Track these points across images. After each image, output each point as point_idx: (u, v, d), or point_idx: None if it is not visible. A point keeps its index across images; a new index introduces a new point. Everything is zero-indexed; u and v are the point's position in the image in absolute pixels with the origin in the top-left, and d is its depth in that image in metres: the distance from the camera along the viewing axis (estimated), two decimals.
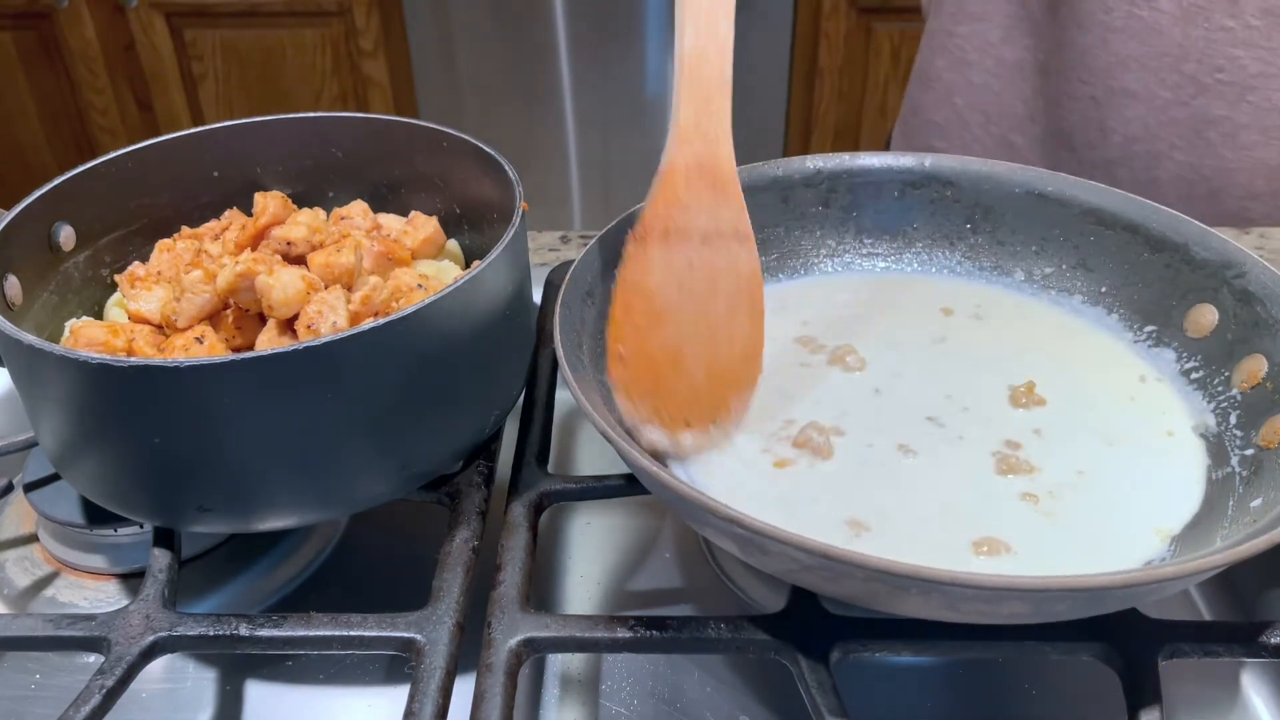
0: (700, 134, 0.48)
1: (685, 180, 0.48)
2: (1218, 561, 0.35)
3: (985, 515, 0.45)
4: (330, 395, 0.41)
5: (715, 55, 0.47)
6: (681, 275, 0.48)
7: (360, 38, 2.09)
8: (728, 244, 0.48)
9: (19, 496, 0.54)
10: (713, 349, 0.48)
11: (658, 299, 0.47)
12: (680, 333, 0.48)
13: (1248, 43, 0.74)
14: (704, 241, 0.48)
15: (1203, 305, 0.51)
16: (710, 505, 0.37)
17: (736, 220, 0.49)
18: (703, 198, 0.48)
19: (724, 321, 0.49)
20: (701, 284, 0.48)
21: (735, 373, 0.49)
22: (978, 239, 0.60)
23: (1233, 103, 0.77)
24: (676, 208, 0.48)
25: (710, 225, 0.48)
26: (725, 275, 0.48)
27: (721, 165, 0.48)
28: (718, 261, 0.48)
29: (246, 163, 0.57)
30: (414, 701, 0.39)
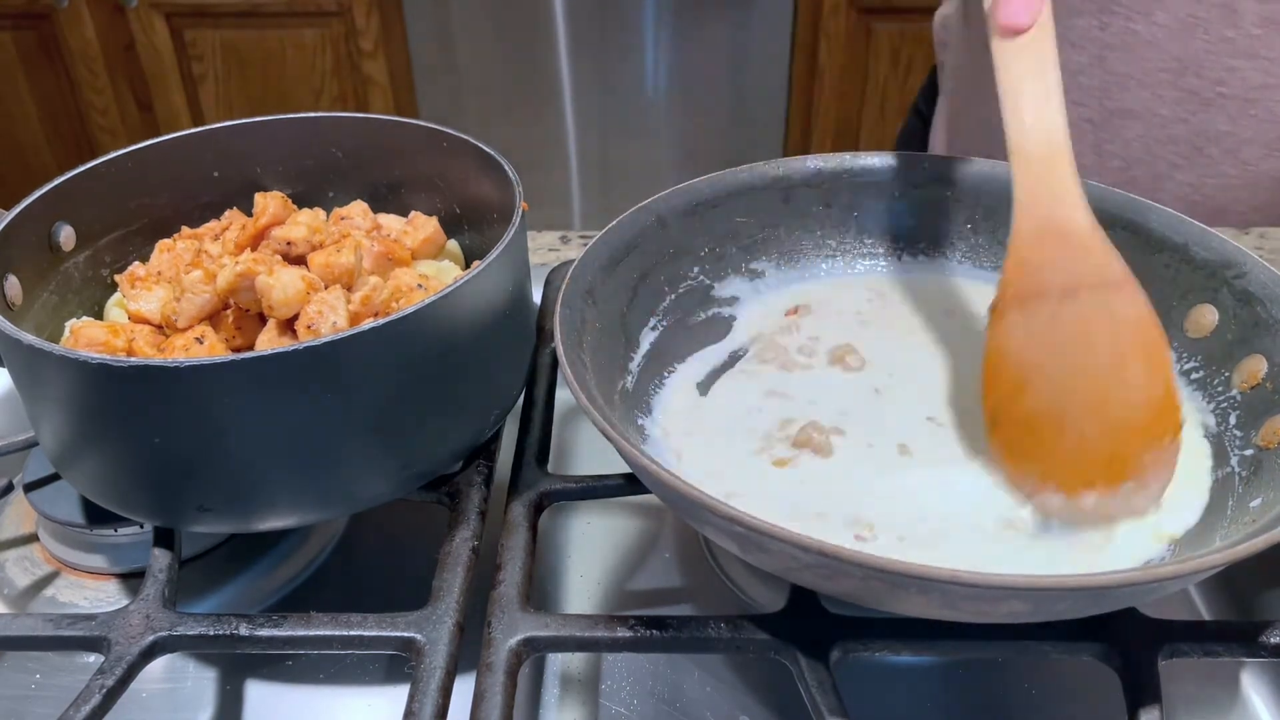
0: (1039, 200, 0.48)
1: (1029, 244, 0.48)
2: (1216, 561, 0.35)
3: (984, 514, 0.45)
4: (330, 395, 0.41)
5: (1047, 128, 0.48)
6: (1043, 334, 0.47)
7: (360, 38, 2.09)
8: (1095, 294, 0.46)
9: (19, 496, 0.54)
10: (1101, 403, 0.46)
11: (1021, 361, 0.47)
12: (1055, 392, 0.46)
13: (1249, 53, 0.73)
14: (1064, 297, 0.47)
15: (1203, 305, 0.51)
16: (710, 503, 0.37)
17: (1102, 269, 0.46)
18: (1053, 255, 0.47)
19: (1109, 372, 0.46)
20: (1070, 339, 0.46)
21: (1140, 424, 0.45)
22: (979, 239, 0.60)
23: (1234, 116, 0.75)
24: (1024, 271, 0.48)
25: (1069, 280, 0.47)
26: (1100, 325, 0.46)
27: (1067, 220, 0.47)
28: (1087, 313, 0.46)
29: (246, 163, 0.57)
30: (414, 701, 0.39)
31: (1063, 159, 0.47)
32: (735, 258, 0.59)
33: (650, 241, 0.55)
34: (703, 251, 0.58)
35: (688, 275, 0.58)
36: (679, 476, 0.38)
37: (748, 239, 0.59)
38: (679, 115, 2.20)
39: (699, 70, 2.15)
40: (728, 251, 0.59)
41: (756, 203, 0.59)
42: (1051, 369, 0.46)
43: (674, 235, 0.56)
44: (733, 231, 0.59)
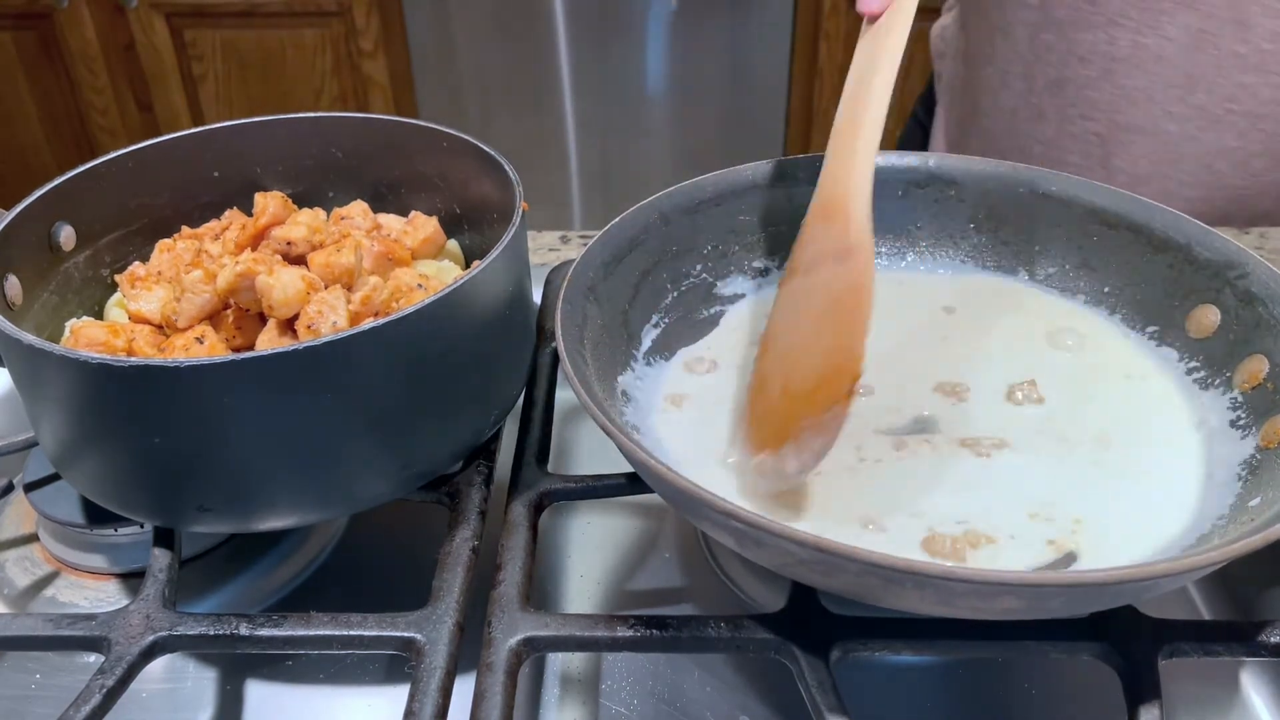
0: (830, 180, 0.49)
1: (809, 221, 0.50)
2: (1213, 559, 0.35)
3: (983, 512, 0.45)
4: (330, 395, 0.41)
5: (858, 127, 0.49)
6: (783, 305, 0.49)
7: (360, 38, 2.09)
8: (829, 264, 0.47)
9: (19, 496, 0.54)
10: (789, 369, 0.47)
11: (771, 329, 0.50)
12: (769, 359, 0.49)
13: (1260, 68, 0.72)
14: (809, 269, 0.48)
15: (1205, 305, 0.51)
16: (708, 499, 0.37)
17: (840, 238, 0.47)
18: (818, 230, 0.49)
19: (806, 341, 0.47)
20: (791, 309, 0.48)
21: (808, 390, 0.46)
22: (981, 238, 0.60)
23: (1243, 132, 0.75)
24: (798, 246, 0.50)
25: (818, 253, 0.48)
26: (816, 295, 0.47)
27: (833, 194, 0.48)
28: (814, 283, 0.48)
29: (246, 163, 0.57)
30: (414, 701, 0.39)
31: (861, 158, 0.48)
32: (738, 256, 0.59)
33: (653, 239, 0.55)
34: (705, 249, 0.58)
35: (690, 273, 0.58)
36: (678, 472, 0.38)
37: (750, 237, 0.59)
38: (679, 115, 2.20)
39: (699, 70, 2.15)
40: (730, 249, 0.59)
41: (760, 201, 0.59)
42: (773, 338, 0.49)
43: (677, 233, 0.56)
44: (735, 229, 0.59)
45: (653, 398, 0.52)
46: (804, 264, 0.49)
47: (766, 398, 0.48)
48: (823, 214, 0.49)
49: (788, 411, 0.46)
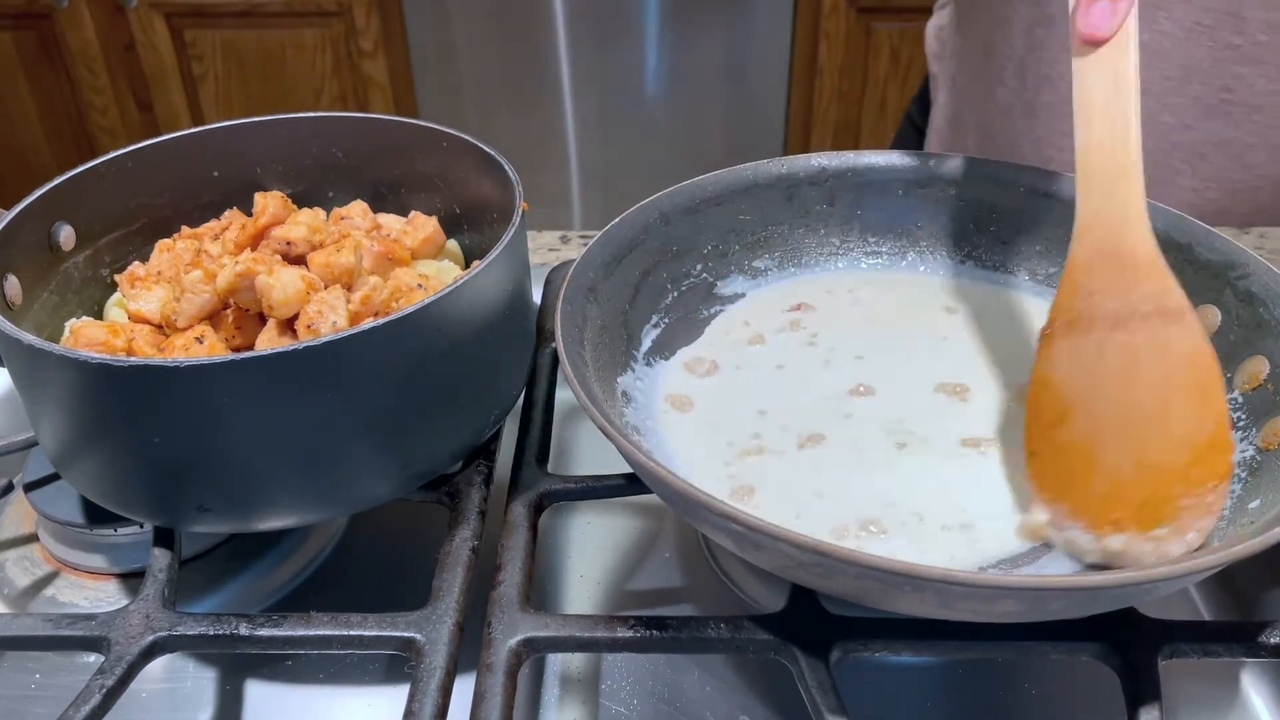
0: (1101, 222, 0.46)
1: (1086, 268, 0.46)
2: (1213, 562, 0.35)
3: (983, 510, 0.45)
4: (330, 395, 0.41)
5: (1116, 147, 0.46)
6: (1089, 363, 0.45)
7: (360, 38, 2.09)
8: (1149, 324, 0.44)
9: (19, 496, 0.54)
10: (1140, 440, 0.43)
11: (1064, 391, 0.46)
12: (1096, 424, 0.44)
13: (1256, 60, 0.72)
14: (1116, 325, 0.45)
15: (1205, 306, 0.51)
16: (707, 501, 0.37)
17: (1160, 299, 0.44)
18: (1110, 282, 0.45)
19: (1154, 408, 0.43)
20: (1116, 370, 0.44)
21: (1180, 467, 0.42)
22: (981, 238, 0.60)
23: (1239, 123, 0.74)
24: (1076, 295, 0.46)
25: (1122, 307, 0.45)
26: (1149, 357, 0.44)
27: (1128, 247, 0.45)
28: (1136, 343, 0.44)
29: (246, 163, 0.57)
30: (414, 701, 0.39)
31: (1132, 182, 0.45)
32: (738, 255, 0.59)
33: (653, 239, 0.55)
34: (706, 249, 0.58)
35: (690, 273, 0.58)
36: (677, 474, 0.38)
37: (751, 237, 0.59)
38: (679, 115, 2.20)
39: (699, 70, 2.15)
40: (730, 249, 0.59)
41: (760, 200, 0.59)
42: (1094, 401, 0.44)
43: (677, 232, 0.56)
44: (736, 229, 0.59)
45: (653, 398, 0.52)
46: (1102, 317, 0.45)
47: (1105, 470, 0.43)
48: (1115, 262, 0.45)
49: (1153, 488, 0.42)
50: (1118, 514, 0.42)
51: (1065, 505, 0.44)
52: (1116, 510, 0.42)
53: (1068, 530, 0.43)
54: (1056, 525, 0.44)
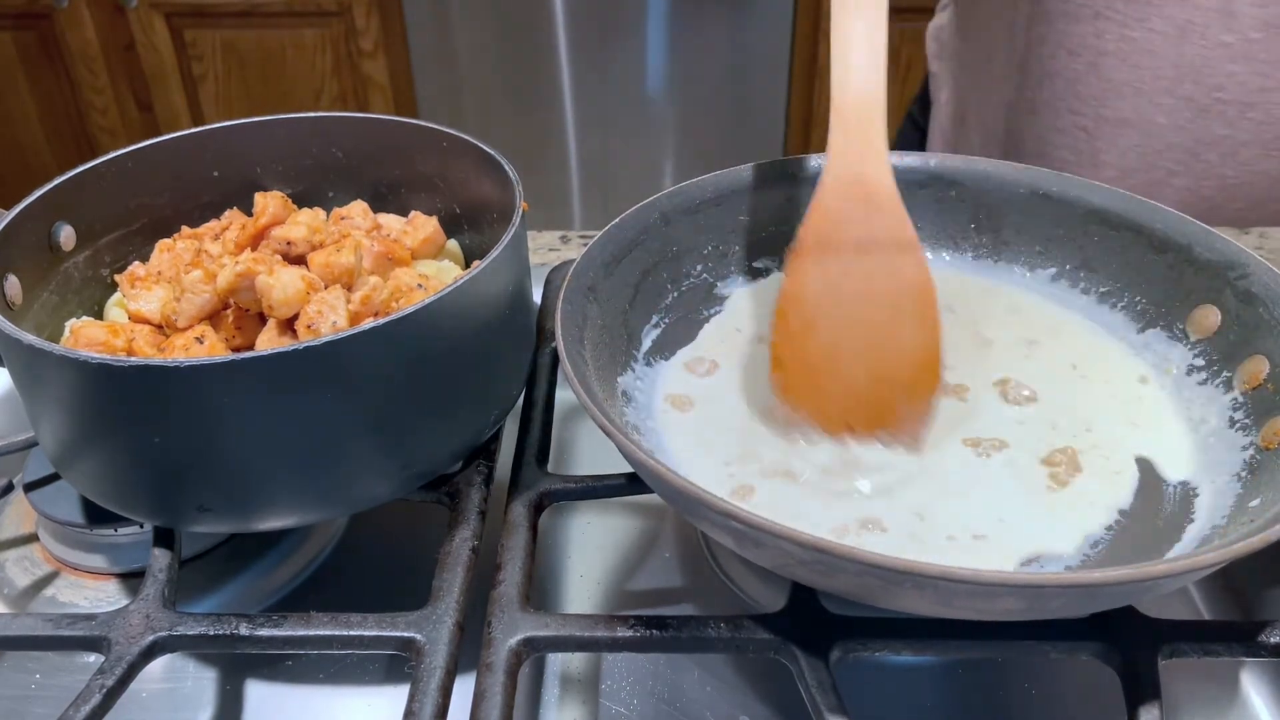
0: (849, 154, 0.50)
1: (835, 196, 0.50)
2: (1213, 559, 0.35)
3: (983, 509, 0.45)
4: (330, 395, 0.41)
5: (860, 84, 0.49)
6: (836, 284, 0.49)
7: (360, 38, 2.09)
8: (886, 253, 0.49)
9: (19, 496, 0.54)
10: (874, 354, 0.49)
11: (811, 307, 0.50)
12: (837, 339, 0.49)
13: (1247, 57, 0.72)
14: (859, 251, 0.49)
15: (1205, 306, 0.51)
16: (707, 499, 0.37)
17: (896, 230, 0.49)
18: (855, 211, 0.50)
19: (886, 328, 0.49)
20: (858, 292, 0.49)
21: (903, 378, 0.49)
22: (982, 238, 0.60)
23: (1232, 121, 0.75)
24: (827, 222, 0.50)
25: (865, 236, 0.49)
26: (885, 283, 0.49)
27: (873, 179, 0.49)
28: (875, 269, 0.49)
29: (246, 163, 0.57)
30: (414, 701, 0.39)
31: (877, 118, 0.49)
32: (738, 256, 0.59)
33: (653, 239, 0.55)
34: (706, 249, 0.58)
35: (691, 273, 0.58)
36: (677, 472, 0.38)
37: (751, 237, 0.59)
38: (679, 115, 2.20)
39: (699, 70, 2.15)
40: (731, 249, 0.59)
41: (760, 201, 0.59)
42: (836, 318, 0.50)
43: (677, 233, 0.56)
44: (736, 229, 0.59)
45: (653, 398, 0.52)
46: (847, 243, 0.50)
47: (842, 380, 0.49)
48: (862, 196, 0.50)
49: (880, 398, 0.48)
50: (850, 419, 0.48)
51: (805, 410, 0.49)
52: (849, 416, 0.48)
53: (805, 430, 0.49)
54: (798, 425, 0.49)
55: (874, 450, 0.49)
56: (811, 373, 0.50)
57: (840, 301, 0.50)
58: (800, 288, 0.51)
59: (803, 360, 0.50)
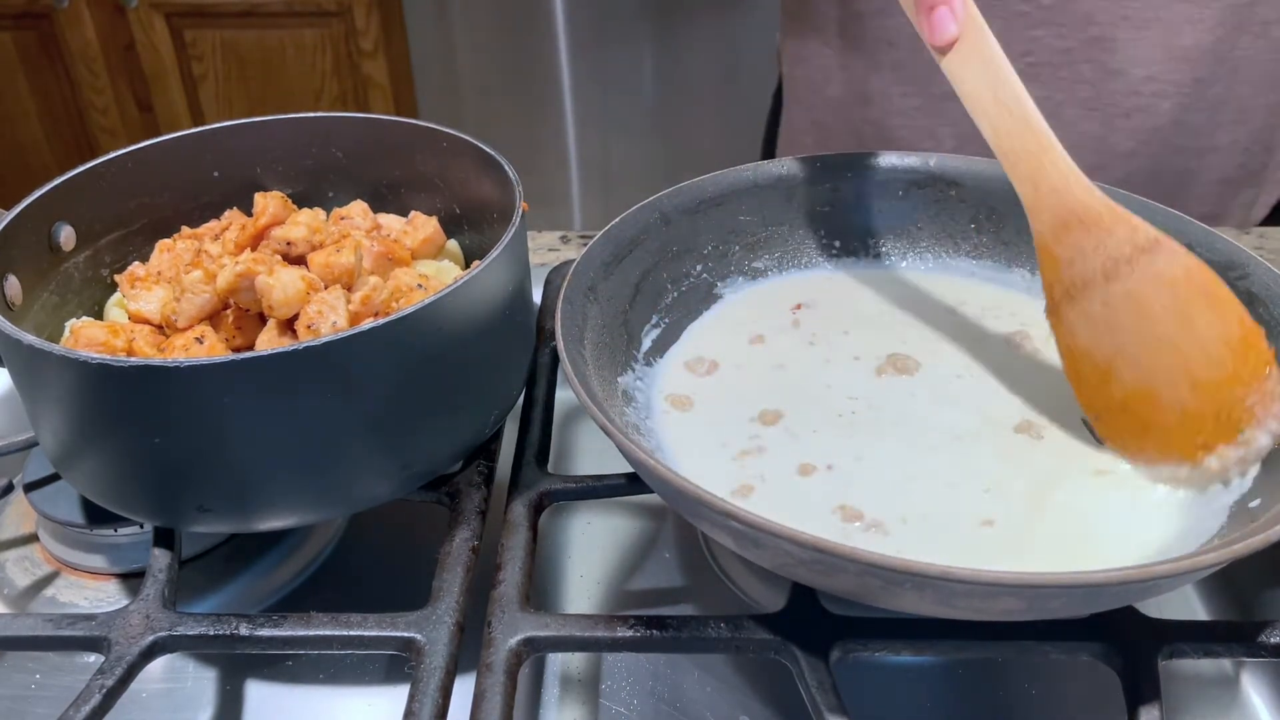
0: (1044, 196, 0.48)
1: (1053, 242, 0.48)
2: (1212, 560, 0.35)
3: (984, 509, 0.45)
4: (330, 395, 0.41)
5: (1021, 125, 0.48)
6: (1104, 320, 0.47)
7: (360, 38, 2.09)
8: (1135, 264, 0.46)
9: (19, 496, 0.54)
10: (1184, 365, 0.45)
11: (1095, 353, 0.48)
12: (1138, 370, 0.46)
13: (1045, 22, 0.75)
14: (1108, 278, 0.47)
15: None
16: (707, 499, 0.37)
17: (1132, 238, 0.46)
18: (1080, 244, 0.47)
19: (1180, 333, 0.45)
20: (1131, 316, 0.46)
21: (1229, 370, 0.44)
22: (982, 239, 0.60)
23: (1047, 82, 0.77)
24: (1059, 269, 0.48)
25: (1105, 261, 0.47)
26: (1153, 291, 0.46)
27: (1078, 205, 0.47)
28: (1135, 285, 0.46)
29: (246, 163, 0.57)
30: (414, 701, 0.39)
31: (1049, 146, 0.48)
32: (738, 256, 0.59)
33: (653, 239, 0.55)
34: (706, 249, 0.58)
35: (690, 273, 0.58)
36: (677, 472, 0.38)
37: (751, 237, 0.59)
38: (679, 115, 2.20)
39: (699, 71, 2.14)
40: (730, 249, 0.59)
41: (760, 201, 0.59)
42: (1126, 350, 0.47)
43: (677, 233, 0.56)
44: (736, 229, 0.59)
45: (653, 398, 0.52)
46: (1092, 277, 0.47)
47: (1168, 405, 0.46)
48: (1078, 225, 0.47)
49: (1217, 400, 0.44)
50: (1201, 437, 0.45)
51: (1149, 452, 0.46)
52: (1198, 435, 0.45)
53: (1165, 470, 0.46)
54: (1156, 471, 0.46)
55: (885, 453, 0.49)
56: (1134, 417, 0.47)
57: (1120, 334, 0.47)
58: (1073, 342, 0.49)
59: (1120, 407, 0.47)
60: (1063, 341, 0.49)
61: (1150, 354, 0.46)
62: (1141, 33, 0.74)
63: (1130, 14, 0.74)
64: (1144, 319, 0.46)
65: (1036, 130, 0.48)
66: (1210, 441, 0.44)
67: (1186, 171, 0.81)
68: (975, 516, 0.45)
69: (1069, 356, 0.49)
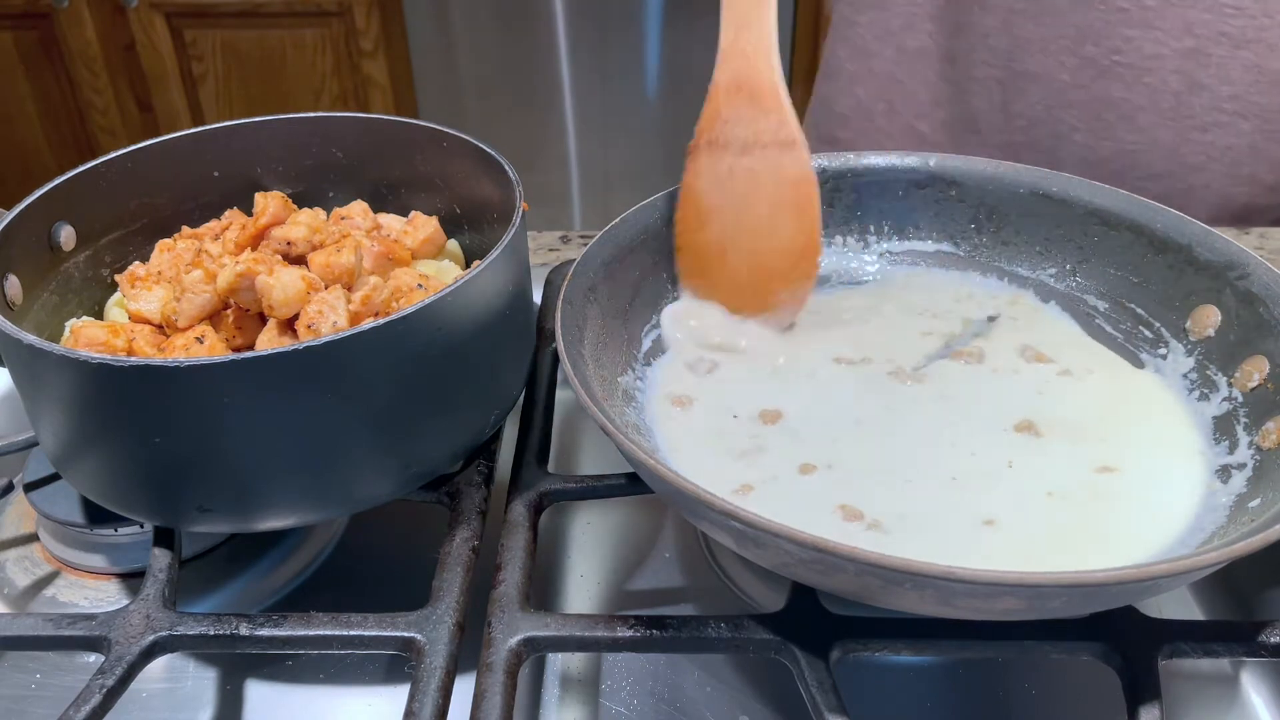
0: (737, 52, 0.53)
1: (724, 96, 0.54)
2: (1212, 559, 0.35)
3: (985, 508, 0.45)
4: (330, 395, 0.41)
5: None
6: (722, 180, 0.54)
7: (360, 38, 2.09)
8: (768, 151, 0.53)
9: (19, 496, 0.54)
10: (754, 246, 0.54)
11: (703, 201, 0.55)
12: (723, 230, 0.54)
13: (1143, 24, 0.75)
14: (742, 150, 0.53)
15: (1205, 306, 0.51)
16: (707, 499, 0.37)
17: (777, 129, 0.53)
18: (741, 111, 0.53)
19: (766, 221, 0.54)
20: (741, 188, 0.54)
21: (781, 267, 0.55)
22: (982, 239, 0.60)
23: (1130, 84, 0.77)
24: (716, 121, 0.54)
25: (749, 135, 0.53)
26: (766, 179, 0.53)
27: (759, 79, 0.52)
28: (757, 167, 0.53)
29: (246, 163, 0.57)
30: (414, 701, 0.39)
31: (766, 19, 0.52)
32: None
33: (653, 239, 0.55)
34: None
35: None
36: (677, 472, 0.38)
37: None
38: (679, 115, 2.20)
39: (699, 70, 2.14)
40: None
41: None
42: (724, 212, 0.55)
43: None
44: None
45: (653, 398, 0.52)
46: (733, 142, 0.53)
47: (730, 268, 0.55)
48: (748, 94, 0.53)
49: (761, 284, 0.55)
50: (738, 298, 0.55)
51: (702, 289, 0.56)
52: (737, 296, 0.55)
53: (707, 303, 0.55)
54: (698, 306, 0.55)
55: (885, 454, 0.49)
56: (704, 260, 0.55)
57: (727, 196, 0.54)
58: (694, 181, 0.55)
59: (697, 249, 0.55)
60: (687, 177, 0.55)
61: (739, 221, 0.54)
62: (1237, 51, 0.74)
63: (1231, 31, 0.74)
64: (750, 194, 0.54)
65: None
66: (740, 307, 0.55)
67: (1251, 205, 0.81)
68: (976, 516, 0.45)
69: (685, 191, 0.55)
